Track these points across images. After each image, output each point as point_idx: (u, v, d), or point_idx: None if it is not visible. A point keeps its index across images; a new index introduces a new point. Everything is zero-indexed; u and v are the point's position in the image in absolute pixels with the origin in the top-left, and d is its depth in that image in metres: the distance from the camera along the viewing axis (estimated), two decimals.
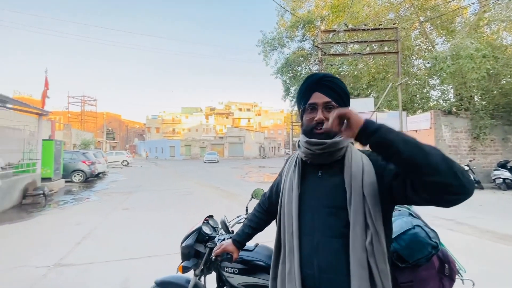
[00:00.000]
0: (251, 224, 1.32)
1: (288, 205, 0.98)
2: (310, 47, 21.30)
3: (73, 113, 40.91)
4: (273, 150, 53.61)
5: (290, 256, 0.94)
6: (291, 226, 0.95)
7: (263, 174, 17.71)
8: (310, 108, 0.97)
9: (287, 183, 1.03)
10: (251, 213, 1.39)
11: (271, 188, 1.26)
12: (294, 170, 1.02)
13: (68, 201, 8.07)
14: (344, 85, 0.99)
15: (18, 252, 3.96)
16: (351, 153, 0.95)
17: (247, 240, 1.34)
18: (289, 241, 0.95)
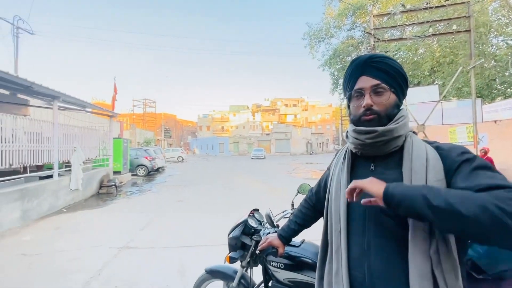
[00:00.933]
0: (297, 220, 1.27)
1: (335, 201, 0.91)
2: (361, 34, 19.82)
3: (136, 114, 46.09)
4: (321, 146, 51.81)
5: (337, 256, 0.87)
6: (338, 224, 0.88)
7: (310, 170, 17.27)
8: (357, 94, 0.87)
9: (335, 177, 0.95)
10: (297, 208, 1.34)
11: (319, 183, 1.19)
12: (343, 163, 0.94)
13: (133, 192, 9.14)
14: (398, 65, 0.87)
15: (96, 234, 4.63)
16: (411, 143, 0.82)
17: (293, 236, 1.30)
18: (336, 240, 0.89)
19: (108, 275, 3.11)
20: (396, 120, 0.83)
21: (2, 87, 6.50)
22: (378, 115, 0.83)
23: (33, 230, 4.81)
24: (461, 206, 0.60)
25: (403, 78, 0.86)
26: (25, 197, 5.19)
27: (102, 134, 9.90)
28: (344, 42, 19.39)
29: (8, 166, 5.07)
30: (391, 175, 0.81)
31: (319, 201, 1.16)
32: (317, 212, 1.25)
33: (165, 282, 2.97)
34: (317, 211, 1.25)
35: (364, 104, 0.84)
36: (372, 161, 0.87)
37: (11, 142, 5.19)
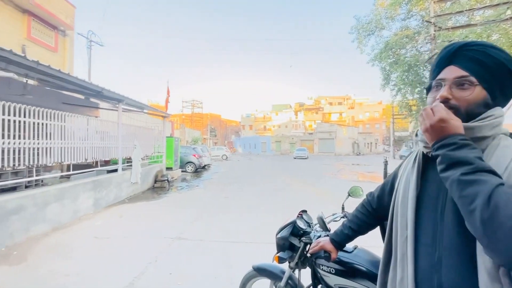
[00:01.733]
0: (351, 226, 1.22)
1: (402, 206, 0.85)
2: (418, 24, 17.96)
3: (185, 115, 49.36)
4: (369, 146, 48.52)
5: (403, 263, 0.81)
6: (405, 231, 0.81)
7: (357, 172, 16.32)
8: (436, 85, 0.79)
9: (402, 181, 0.89)
10: (352, 213, 1.28)
11: (382, 187, 1.11)
12: (412, 166, 0.86)
13: (183, 187, 9.83)
14: (504, 56, 0.73)
15: (153, 223, 5.11)
16: (496, 147, 0.71)
17: (346, 242, 1.25)
18: (401, 247, 0.82)
19: (164, 262, 3.41)
20: (482, 119, 0.72)
21: (79, 92, 7.59)
22: (455, 109, 0.73)
23: (103, 217, 5.53)
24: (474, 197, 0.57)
25: (501, 71, 0.73)
26: (97, 187, 6.00)
27: (157, 133, 10.85)
28: (398, 33, 17.81)
29: (83, 160, 5.93)
30: None
31: (382, 207, 1.09)
32: (376, 219, 1.17)
33: (214, 273, 3.13)
34: (375, 218, 1.17)
35: (439, 95, 0.75)
36: None
37: (87, 140, 6.05)
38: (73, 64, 10.73)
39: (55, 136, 5.18)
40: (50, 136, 5.10)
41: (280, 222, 1.82)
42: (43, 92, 6.72)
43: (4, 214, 3.79)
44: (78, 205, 5.36)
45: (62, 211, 4.89)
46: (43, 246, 3.90)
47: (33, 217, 4.24)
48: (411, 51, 18.21)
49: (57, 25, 9.76)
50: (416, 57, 17.28)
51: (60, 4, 9.75)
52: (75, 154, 5.70)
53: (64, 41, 10.27)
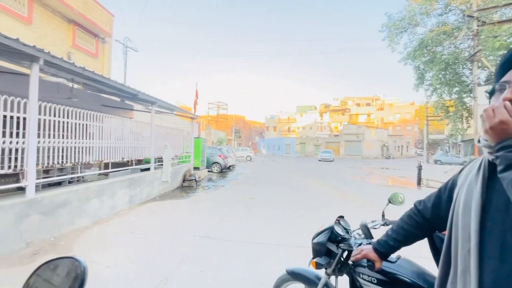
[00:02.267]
0: (397, 237, 1.16)
1: (463, 217, 0.79)
2: (457, 19, 16.76)
3: (211, 116, 50.55)
4: (400, 149, 46.02)
5: (464, 278, 0.76)
6: (468, 243, 0.76)
7: (387, 176, 15.55)
8: (500, 89, 0.74)
9: (464, 189, 0.83)
10: (397, 223, 1.22)
11: (438, 195, 1.04)
12: (477, 174, 0.81)
13: (210, 187, 10.06)
14: None
15: (182, 221, 5.30)
16: None
17: (390, 252, 1.20)
18: (463, 260, 0.77)
19: (195, 260, 3.51)
20: None
21: (116, 95, 8.11)
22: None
23: (136, 213, 5.85)
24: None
25: None
26: (131, 185, 6.36)
27: (186, 134, 11.24)
28: (434, 30, 16.74)
29: (121, 159, 6.32)
30: None
31: (437, 217, 1.02)
32: (425, 230, 1.11)
33: (243, 274, 3.16)
34: (426, 229, 1.11)
35: (502, 97, 0.70)
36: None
37: (123, 140, 6.44)
38: (111, 69, 11.50)
39: (96, 136, 5.59)
40: (92, 136, 5.52)
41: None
42: (86, 95, 7.28)
43: (53, 207, 4.16)
44: (115, 201, 5.72)
45: (101, 206, 5.26)
46: (86, 238, 4.22)
47: (77, 210, 4.61)
48: (449, 48, 17.01)
49: (98, 33, 10.53)
50: (454, 54, 16.10)
51: (101, 13, 10.51)
52: (113, 153, 6.10)
53: (103, 47, 11.05)
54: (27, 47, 3.47)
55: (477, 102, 9.19)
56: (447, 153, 32.59)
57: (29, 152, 3.82)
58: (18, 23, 7.53)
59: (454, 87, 16.99)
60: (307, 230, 4.65)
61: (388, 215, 1.82)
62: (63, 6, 8.61)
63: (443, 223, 0.92)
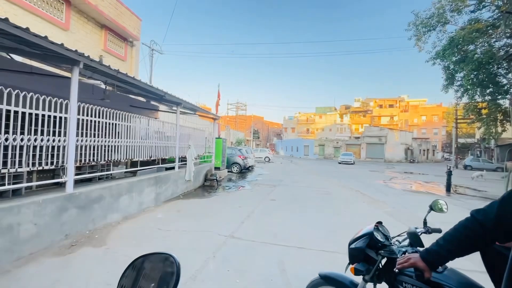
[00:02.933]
0: (450, 247, 1.11)
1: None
2: (491, 16, 15.73)
3: (230, 116, 51.13)
4: (425, 153, 43.87)
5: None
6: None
7: (412, 181, 14.89)
8: None
9: None
10: (449, 233, 1.16)
11: (502, 205, 0.99)
12: None
13: (230, 187, 10.18)
14: None
15: (206, 220, 5.41)
16: None
17: (440, 262, 1.16)
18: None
19: (221, 259, 3.57)
20: None
21: (143, 96, 8.45)
22: None
23: (163, 210, 6.05)
24: None
25: None
26: (158, 183, 6.59)
27: (207, 134, 11.46)
28: (466, 27, 15.82)
29: (148, 158, 6.57)
30: None
31: (501, 227, 0.97)
32: (482, 241, 1.06)
33: (269, 276, 3.17)
34: (485, 240, 1.05)
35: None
36: None
37: (150, 139, 6.70)
38: (138, 71, 12.01)
39: (124, 135, 5.87)
40: (120, 135, 5.79)
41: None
42: (116, 96, 7.65)
43: (88, 202, 4.41)
44: (142, 198, 5.96)
45: (130, 203, 5.50)
46: (118, 232, 4.43)
47: (109, 206, 4.86)
48: (482, 47, 15.99)
49: (127, 37, 11.03)
50: (488, 53, 15.11)
51: (129, 18, 11.01)
52: (141, 152, 6.37)
53: (132, 51, 11.56)
54: (69, 51, 3.71)
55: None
56: (479, 158, 30.56)
57: (69, 149, 4.08)
58: (57, 28, 8.08)
59: (487, 88, 15.96)
60: (333, 235, 4.58)
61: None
62: (96, 12, 9.11)
63: (507, 236, 0.88)
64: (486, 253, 1.14)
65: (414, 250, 1.40)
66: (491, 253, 1.12)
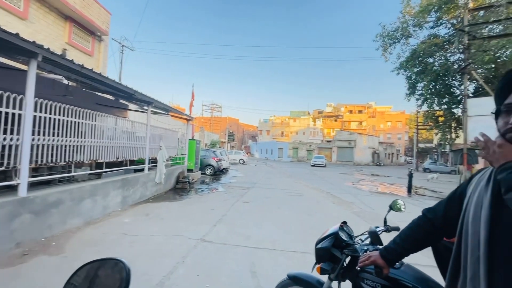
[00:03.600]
0: (405, 244, 1.20)
1: (473, 225, 0.84)
2: (448, 32, 17.36)
3: (204, 118, 50.34)
4: (390, 157, 46.85)
5: (474, 283, 0.80)
6: (477, 250, 0.80)
7: (378, 183, 15.80)
8: (506, 109, 0.80)
9: (474, 199, 0.88)
10: (404, 231, 1.24)
11: (448, 204, 1.08)
12: (486, 185, 0.86)
13: (203, 189, 9.99)
14: None
15: (176, 224, 5.23)
16: None
17: (397, 259, 1.24)
18: (472, 266, 0.81)
19: (191, 263, 3.48)
20: None
21: (112, 94, 8.01)
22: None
23: (130, 214, 5.75)
24: None
25: None
26: (125, 185, 6.26)
27: (180, 135, 11.16)
28: (426, 41, 17.24)
29: (115, 159, 6.22)
30: None
31: (448, 224, 1.06)
32: (433, 237, 1.15)
33: (239, 279, 3.15)
34: (434, 237, 1.15)
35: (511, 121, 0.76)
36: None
37: (118, 139, 6.35)
38: (106, 67, 11.36)
39: (89, 135, 5.50)
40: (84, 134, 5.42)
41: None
42: (81, 93, 7.16)
43: (45, 207, 4.05)
44: (108, 201, 5.61)
45: (94, 207, 5.15)
46: (78, 239, 4.12)
47: (69, 211, 4.51)
48: (440, 60, 17.55)
49: (95, 30, 10.40)
50: (445, 66, 16.62)
51: (98, 11, 10.41)
52: (107, 153, 6.00)
53: (100, 45, 10.91)
54: (26, 42, 3.40)
55: (467, 113, 9.49)
56: (436, 162, 33.42)
57: (23, 149, 3.73)
58: (14, 17, 7.38)
59: (444, 98, 17.49)
60: (303, 235, 4.68)
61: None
62: (60, 2, 8.48)
63: (453, 231, 0.96)
64: (437, 248, 1.24)
65: (374, 248, 1.47)
66: (440, 248, 1.22)
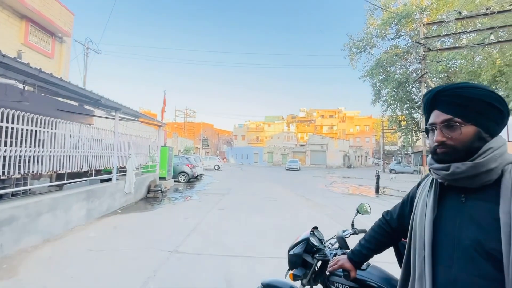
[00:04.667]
0: (369, 246, 1.26)
1: (419, 228, 0.91)
2: (407, 44, 18.86)
3: (178, 123, 49.03)
4: (359, 159, 49.29)
5: (421, 282, 0.86)
6: (423, 251, 0.87)
7: (349, 185, 16.50)
8: (431, 128, 0.88)
9: (420, 203, 0.95)
10: (368, 233, 1.31)
11: (402, 207, 1.16)
12: (429, 191, 0.93)
13: (177, 197, 9.67)
14: (481, 92, 0.81)
15: (147, 236, 4.99)
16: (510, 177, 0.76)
17: (364, 261, 1.30)
18: (419, 266, 0.88)
19: (163, 277, 3.33)
20: (481, 155, 0.79)
21: (75, 99, 7.50)
22: (453, 149, 0.81)
23: (96, 228, 5.37)
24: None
25: (490, 107, 0.80)
26: (90, 197, 5.84)
27: (152, 142, 10.74)
28: (388, 51, 18.58)
29: (79, 169, 5.79)
30: (485, 209, 0.77)
31: (402, 225, 1.14)
32: (392, 238, 1.23)
33: None
34: (393, 238, 1.23)
35: (435, 139, 0.84)
36: (463, 192, 0.84)
37: (82, 148, 5.94)
38: (68, 71, 10.63)
39: (48, 144, 5.08)
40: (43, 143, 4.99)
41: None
42: (39, 98, 6.61)
43: None
44: (70, 215, 5.19)
45: (54, 222, 4.73)
46: (35, 259, 3.75)
47: (25, 228, 4.09)
48: (401, 69, 18.97)
49: (55, 31, 9.72)
50: (405, 75, 17.99)
51: (59, 11, 9.76)
52: (69, 163, 5.57)
53: (61, 47, 10.21)
54: None
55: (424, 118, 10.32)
56: (400, 163, 35.79)
57: None
58: None
59: (405, 103, 18.87)
60: (279, 240, 4.72)
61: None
62: (14, 0, 7.82)
63: (407, 232, 1.04)
64: (397, 248, 1.32)
65: (342, 252, 1.53)
66: (400, 248, 1.30)
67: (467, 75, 12.94)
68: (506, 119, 0.83)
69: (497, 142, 0.81)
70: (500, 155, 0.79)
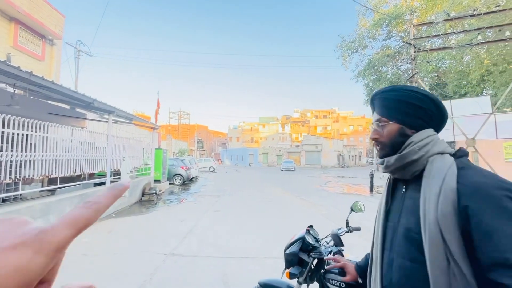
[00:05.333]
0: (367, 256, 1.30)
1: (377, 220, 1.00)
2: (398, 44, 19.18)
3: (172, 125, 48.74)
4: (354, 159, 49.74)
5: (375, 265, 0.96)
6: (378, 239, 0.96)
7: (343, 184, 16.65)
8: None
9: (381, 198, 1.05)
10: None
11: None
12: (386, 186, 1.03)
13: (172, 200, 9.61)
14: (401, 94, 0.90)
15: (142, 239, 4.96)
16: (431, 169, 0.82)
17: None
18: (375, 252, 0.97)
19: (159, 280, 3.31)
20: (405, 148, 0.87)
21: (67, 102, 7.40)
22: (383, 144, 0.92)
23: (90, 232, 5.29)
24: None
25: (411, 106, 0.88)
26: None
27: (146, 145, 10.66)
28: (379, 52, 18.87)
29: (72, 173, 5.72)
30: (413, 199, 0.86)
31: None
32: None
33: None
34: None
35: (370, 137, 0.96)
36: (404, 183, 0.92)
37: (75, 151, 5.86)
38: (59, 73, 10.49)
39: (39, 148, 5.00)
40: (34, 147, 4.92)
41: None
42: (30, 102, 6.50)
43: None
44: None
45: None
46: None
47: None
48: (392, 69, 19.28)
49: (45, 34, 9.58)
50: (397, 75, 18.29)
51: (50, 13, 9.63)
52: (61, 167, 5.50)
53: (52, 50, 10.07)
54: None
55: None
56: None
57: None
58: None
59: None
60: (276, 241, 4.74)
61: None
62: (3, 2, 7.69)
63: None
64: None
65: (337, 250, 1.56)
66: None
67: (457, 74, 13.23)
68: (434, 115, 0.89)
69: (418, 136, 0.88)
70: (420, 148, 0.85)
